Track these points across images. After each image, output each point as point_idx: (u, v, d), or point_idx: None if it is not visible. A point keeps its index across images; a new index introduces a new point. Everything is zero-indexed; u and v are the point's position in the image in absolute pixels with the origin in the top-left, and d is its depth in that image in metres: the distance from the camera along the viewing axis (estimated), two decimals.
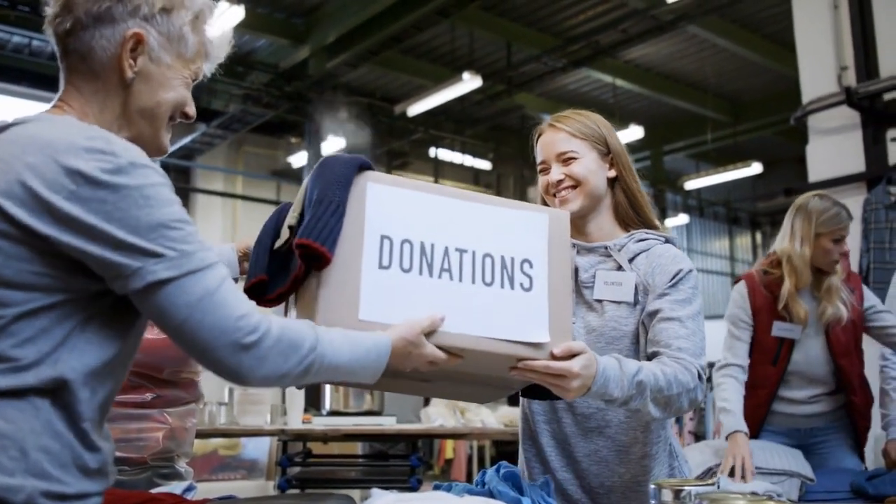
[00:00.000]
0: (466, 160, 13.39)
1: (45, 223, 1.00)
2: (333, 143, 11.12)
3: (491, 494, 1.37)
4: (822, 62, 5.14)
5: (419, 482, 4.04)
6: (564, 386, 1.33)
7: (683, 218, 15.28)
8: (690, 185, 13.99)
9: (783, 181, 9.48)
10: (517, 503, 1.34)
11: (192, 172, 13.19)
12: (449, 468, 9.26)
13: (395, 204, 1.30)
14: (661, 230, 1.76)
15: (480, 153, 13.51)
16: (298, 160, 12.23)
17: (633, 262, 1.69)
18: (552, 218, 1.42)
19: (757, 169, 12.34)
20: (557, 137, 1.73)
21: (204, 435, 4.03)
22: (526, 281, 1.35)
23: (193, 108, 1.28)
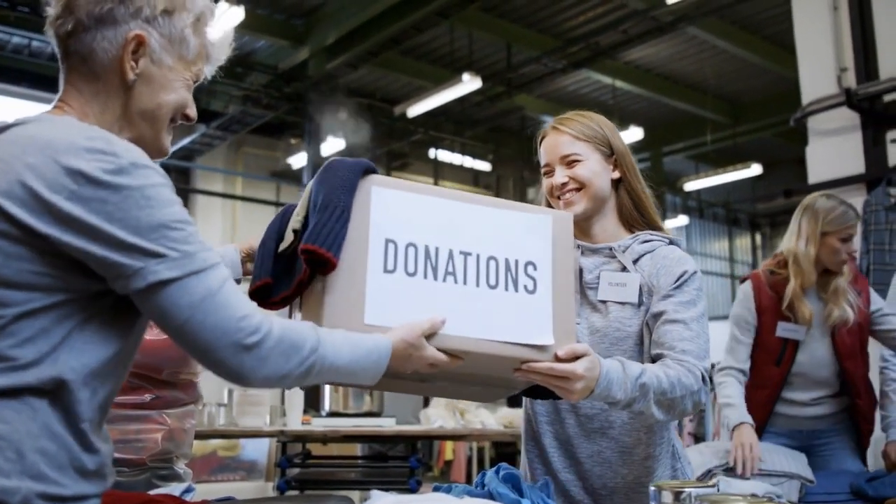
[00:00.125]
0: (466, 161, 13.39)
1: (45, 223, 1.00)
2: (333, 144, 11.12)
3: (491, 496, 1.37)
4: (821, 63, 5.14)
5: (418, 483, 4.03)
6: (568, 388, 1.34)
7: (683, 219, 15.27)
8: (690, 186, 13.99)
9: (783, 182, 9.48)
10: None
11: (191, 173, 13.19)
12: (448, 469, 9.25)
13: (399, 207, 1.30)
14: (664, 231, 1.77)
15: (480, 154, 13.51)
16: (298, 161, 12.22)
17: (637, 263, 1.69)
18: (556, 219, 1.42)
19: (756, 170, 12.34)
20: (561, 140, 1.73)
21: (203, 436, 4.03)
22: (530, 283, 1.35)
23: (194, 109, 1.28)
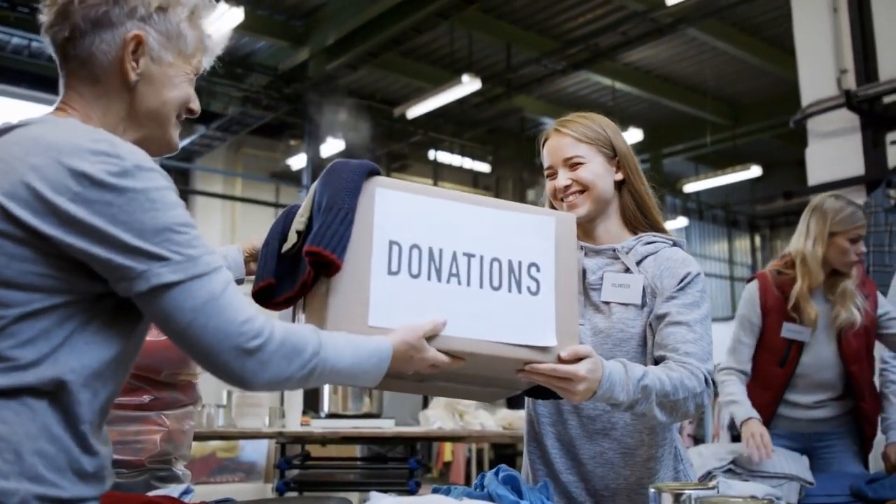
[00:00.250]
0: (465, 163, 13.39)
1: (49, 224, 1.00)
2: (332, 145, 11.12)
3: (490, 498, 1.37)
4: (821, 65, 5.14)
5: (417, 485, 4.03)
6: (570, 389, 1.34)
7: (682, 221, 15.27)
8: (689, 187, 13.99)
9: (782, 184, 9.50)
10: None
11: (191, 174, 13.19)
12: (447, 471, 9.24)
13: (403, 209, 1.31)
14: (667, 233, 1.77)
15: (479, 156, 13.51)
16: (298, 162, 12.22)
17: (640, 264, 1.69)
18: (559, 221, 1.42)
19: (756, 172, 12.34)
20: (563, 142, 1.73)
21: (202, 437, 4.03)
22: (533, 285, 1.35)
23: (197, 103, 1.28)
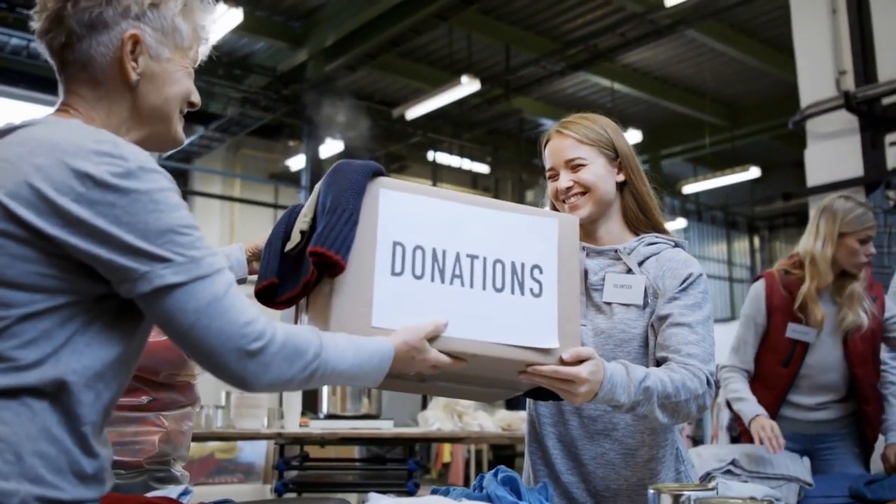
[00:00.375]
0: (464, 164, 13.38)
1: (52, 225, 1.00)
2: (331, 146, 11.12)
3: (489, 499, 1.37)
4: (820, 66, 5.15)
5: (416, 486, 4.03)
6: (572, 391, 1.34)
7: (681, 222, 15.28)
8: (688, 189, 13.99)
9: (781, 185, 9.49)
10: None
11: (189, 175, 13.18)
12: (446, 472, 9.23)
13: (407, 210, 1.31)
14: (669, 233, 1.77)
15: (478, 157, 13.51)
16: (296, 163, 12.21)
17: (642, 265, 1.69)
18: (562, 223, 1.42)
19: (755, 173, 12.35)
20: (565, 144, 1.73)
21: (200, 438, 4.02)
22: (536, 287, 1.36)
23: (197, 95, 1.28)
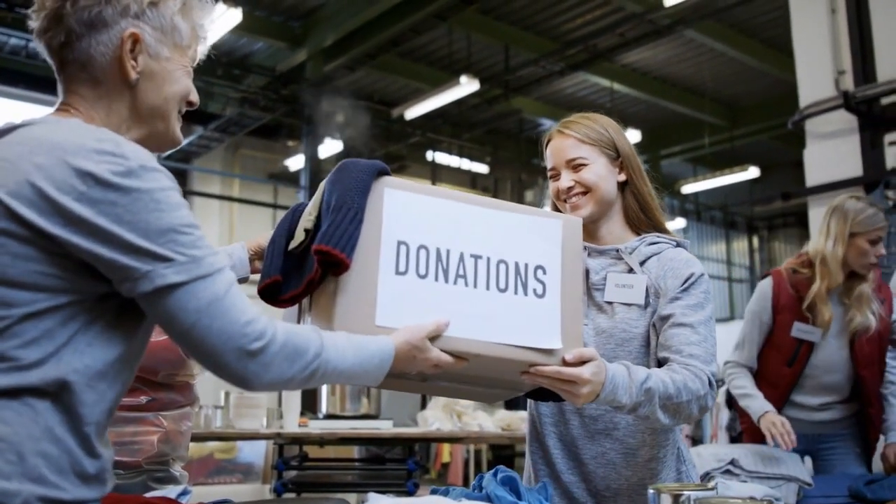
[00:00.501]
0: (464, 164, 13.38)
1: (53, 224, 0.99)
2: (330, 146, 11.11)
3: (489, 499, 1.37)
4: (819, 66, 5.15)
5: (416, 486, 4.03)
6: (574, 392, 1.34)
7: (680, 222, 15.30)
8: (687, 189, 13.99)
9: (780, 185, 9.48)
10: None
11: (188, 175, 13.17)
12: (446, 472, 9.23)
13: (411, 210, 1.31)
14: (670, 233, 1.77)
15: (478, 157, 13.50)
16: (295, 163, 12.21)
17: (644, 264, 1.69)
18: (566, 224, 1.43)
19: (754, 173, 12.35)
20: (566, 144, 1.73)
21: (199, 438, 4.02)
22: (539, 287, 1.36)
23: (196, 95, 1.28)
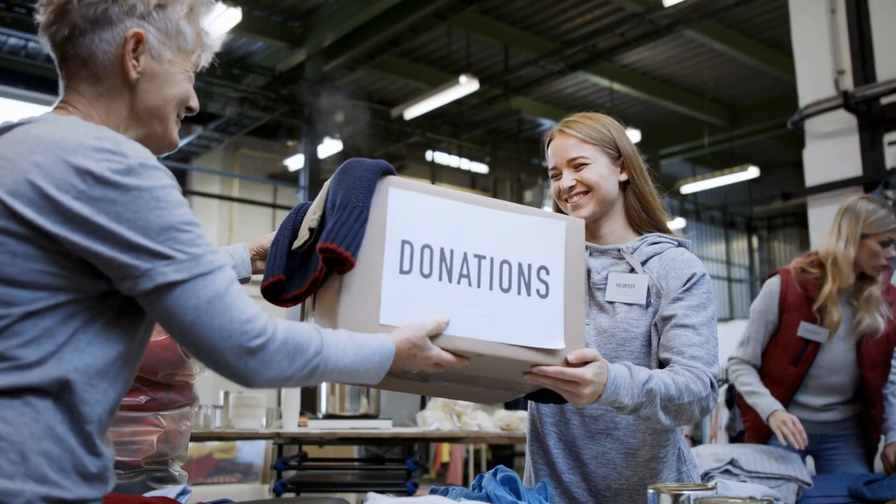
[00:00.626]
0: (463, 164, 13.40)
1: (53, 222, 0.99)
2: (330, 146, 11.12)
3: (488, 499, 1.37)
4: (819, 66, 5.15)
5: (415, 486, 4.02)
6: (576, 392, 1.34)
7: (680, 222, 15.30)
8: (687, 189, 14.01)
9: (780, 185, 9.51)
10: None
11: (188, 175, 13.17)
12: (445, 472, 9.23)
13: (416, 209, 1.31)
14: (671, 233, 1.77)
15: (477, 157, 13.52)
16: (295, 163, 12.22)
17: (645, 264, 1.69)
18: (569, 225, 1.43)
19: (754, 173, 12.37)
20: (567, 143, 1.73)
21: (199, 438, 4.01)
22: (542, 288, 1.36)
23: (196, 100, 1.28)
